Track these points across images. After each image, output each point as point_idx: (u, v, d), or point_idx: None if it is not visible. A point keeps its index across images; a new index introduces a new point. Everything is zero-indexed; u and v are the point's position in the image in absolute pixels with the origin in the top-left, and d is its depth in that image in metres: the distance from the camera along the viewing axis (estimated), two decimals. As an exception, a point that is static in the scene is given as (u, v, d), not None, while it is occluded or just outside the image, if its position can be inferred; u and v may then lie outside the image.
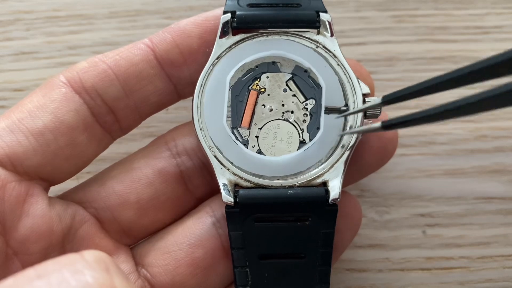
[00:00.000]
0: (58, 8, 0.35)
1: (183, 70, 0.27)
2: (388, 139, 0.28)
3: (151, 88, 0.27)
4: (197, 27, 0.26)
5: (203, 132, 0.25)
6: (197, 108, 0.26)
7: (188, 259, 0.26)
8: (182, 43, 0.26)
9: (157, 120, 0.33)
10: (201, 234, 0.26)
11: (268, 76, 0.26)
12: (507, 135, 0.34)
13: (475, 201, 0.33)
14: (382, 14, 0.36)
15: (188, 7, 0.35)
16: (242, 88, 0.26)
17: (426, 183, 0.33)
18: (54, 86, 0.25)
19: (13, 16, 0.35)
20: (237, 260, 0.25)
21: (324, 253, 0.25)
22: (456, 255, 0.32)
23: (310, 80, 0.26)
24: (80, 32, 0.34)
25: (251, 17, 0.26)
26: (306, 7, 0.27)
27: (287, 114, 0.26)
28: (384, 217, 0.33)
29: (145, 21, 0.35)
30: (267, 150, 0.26)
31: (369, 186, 0.33)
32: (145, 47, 0.26)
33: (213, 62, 0.26)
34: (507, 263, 0.32)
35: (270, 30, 0.27)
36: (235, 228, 0.25)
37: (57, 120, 0.25)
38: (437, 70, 0.35)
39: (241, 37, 0.26)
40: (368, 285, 0.31)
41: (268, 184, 0.25)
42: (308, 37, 0.27)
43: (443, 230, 0.32)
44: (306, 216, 0.25)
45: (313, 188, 0.25)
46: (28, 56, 0.34)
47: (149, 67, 0.26)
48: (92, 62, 0.26)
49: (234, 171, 0.25)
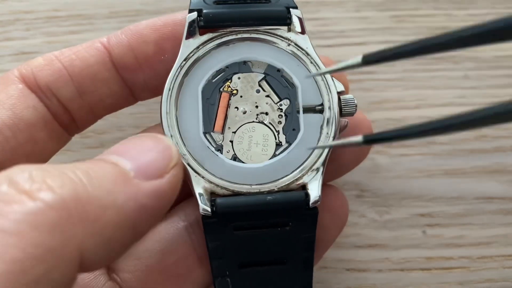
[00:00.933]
0: (58, 8, 0.35)
1: (137, 75, 0.26)
2: None
3: (106, 91, 0.26)
4: (154, 32, 0.26)
5: (174, 139, 0.24)
6: (166, 114, 0.24)
7: (159, 266, 0.25)
8: (137, 48, 0.25)
9: (157, 120, 0.33)
10: (172, 240, 0.25)
11: (240, 77, 0.25)
12: (507, 135, 0.34)
13: (475, 201, 0.33)
14: (382, 14, 0.36)
15: (187, 7, 0.35)
16: (213, 91, 0.25)
17: (426, 183, 0.33)
18: (9, 82, 0.25)
19: (13, 16, 0.35)
20: (216, 270, 0.24)
21: (306, 257, 0.25)
22: (456, 255, 0.32)
23: (283, 79, 0.25)
24: (80, 32, 0.34)
25: (219, 15, 0.25)
26: (275, 3, 0.26)
27: (261, 116, 0.25)
28: (384, 217, 0.33)
29: (145, 21, 0.35)
30: (243, 155, 0.25)
31: (369, 186, 0.33)
32: (102, 48, 0.26)
33: (181, 64, 0.25)
34: (507, 263, 0.32)
35: (239, 28, 0.25)
36: (214, 239, 0.24)
37: (15, 116, 0.24)
38: (437, 70, 0.35)
39: (209, 36, 0.25)
40: (368, 285, 0.31)
41: (246, 191, 0.24)
42: (279, 35, 0.26)
43: (443, 230, 0.32)
44: (286, 221, 0.24)
45: (293, 192, 0.24)
46: (28, 56, 0.34)
47: (104, 70, 0.25)
48: (48, 59, 0.25)
49: (209, 179, 0.24)
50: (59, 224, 0.16)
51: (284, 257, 0.25)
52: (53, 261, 0.16)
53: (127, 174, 0.19)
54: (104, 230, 0.18)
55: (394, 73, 0.35)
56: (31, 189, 0.17)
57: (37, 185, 0.17)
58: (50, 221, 0.16)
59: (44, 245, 0.16)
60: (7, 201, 0.16)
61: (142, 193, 0.19)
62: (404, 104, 0.34)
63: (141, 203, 0.19)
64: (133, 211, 0.19)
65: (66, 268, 0.17)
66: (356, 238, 0.32)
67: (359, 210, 0.32)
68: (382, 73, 0.35)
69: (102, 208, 0.18)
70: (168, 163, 0.20)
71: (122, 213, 0.18)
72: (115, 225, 0.18)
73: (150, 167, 0.20)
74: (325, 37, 0.35)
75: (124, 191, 0.19)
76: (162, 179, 0.20)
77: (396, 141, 0.22)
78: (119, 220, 0.18)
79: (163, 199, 0.20)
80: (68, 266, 0.17)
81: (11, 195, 0.17)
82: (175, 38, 0.26)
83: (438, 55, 0.35)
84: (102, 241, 0.18)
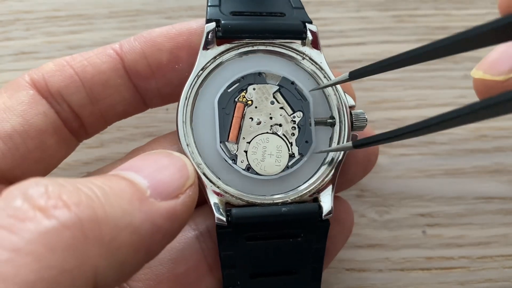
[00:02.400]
0: (58, 8, 0.35)
1: (150, 82, 0.26)
2: (371, 151, 0.29)
3: (118, 98, 0.26)
4: (169, 40, 0.25)
5: (190, 148, 0.24)
6: (182, 123, 0.24)
7: (170, 274, 0.25)
8: (151, 56, 0.25)
9: (157, 120, 0.33)
10: (183, 249, 0.25)
11: (255, 88, 0.25)
12: (507, 135, 0.34)
13: (475, 201, 0.33)
14: (382, 14, 0.36)
15: (188, 7, 0.35)
16: (228, 100, 0.25)
17: (426, 183, 0.33)
18: (20, 88, 0.24)
19: (13, 16, 0.35)
20: (228, 279, 0.24)
21: (315, 268, 0.25)
22: (456, 255, 0.32)
23: (296, 92, 0.26)
24: (80, 32, 0.34)
25: (237, 26, 0.25)
26: (290, 17, 0.26)
27: (275, 127, 0.25)
28: (384, 217, 0.32)
29: (145, 21, 0.35)
30: (257, 165, 0.25)
31: (369, 186, 0.33)
32: (114, 54, 0.25)
33: (198, 73, 0.25)
34: (507, 263, 0.32)
35: (255, 40, 0.26)
36: (227, 248, 0.24)
37: (26, 123, 0.24)
38: (437, 70, 0.35)
39: (226, 47, 0.25)
40: (368, 285, 0.31)
41: (260, 201, 0.24)
42: (294, 48, 0.26)
43: (443, 230, 0.32)
44: (298, 233, 0.24)
45: (306, 204, 0.24)
46: (28, 56, 0.34)
47: (116, 76, 0.25)
48: (59, 65, 0.25)
49: (224, 189, 0.24)
50: (74, 245, 0.16)
51: (294, 267, 0.25)
52: (66, 283, 0.16)
53: (143, 192, 0.19)
54: (119, 251, 0.17)
55: (393, 73, 0.35)
56: (47, 205, 0.16)
57: (52, 202, 0.16)
58: (65, 241, 0.16)
59: (58, 267, 0.15)
60: (21, 218, 0.16)
61: (158, 214, 0.19)
62: (404, 104, 0.34)
63: (157, 224, 0.18)
64: (148, 233, 0.18)
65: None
66: (356, 238, 0.32)
67: (359, 210, 0.32)
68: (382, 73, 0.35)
69: (118, 229, 0.17)
70: (184, 183, 0.20)
71: (137, 234, 0.18)
72: (129, 246, 0.18)
73: (166, 186, 0.19)
74: (325, 37, 0.35)
75: (140, 211, 0.18)
76: (177, 200, 0.19)
77: (380, 144, 0.23)
78: (134, 242, 0.18)
79: (178, 220, 0.19)
80: (83, 287, 0.16)
81: (25, 211, 0.16)
82: (189, 47, 0.25)
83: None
84: (116, 262, 0.17)
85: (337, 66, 0.34)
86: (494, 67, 0.22)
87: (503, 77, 0.21)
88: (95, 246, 0.16)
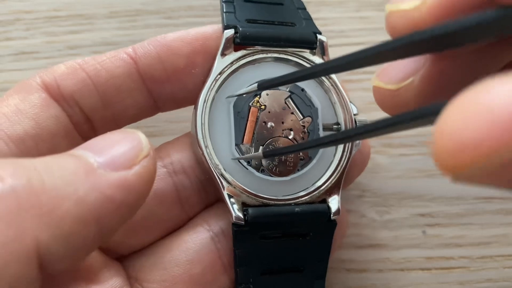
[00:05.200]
0: (58, 8, 0.35)
1: (165, 87, 0.26)
2: (366, 154, 0.29)
3: (130, 102, 0.26)
4: (185, 45, 0.25)
5: (208, 149, 0.25)
6: (201, 125, 0.25)
7: (186, 275, 0.25)
8: (167, 60, 0.25)
9: (157, 120, 0.33)
10: (199, 250, 0.25)
11: (268, 94, 0.26)
12: (507, 135, 0.34)
13: (475, 201, 0.33)
14: (382, 14, 0.36)
15: (188, 6, 0.35)
16: (243, 105, 0.26)
17: (426, 183, 0.33)
18: (32, 90, 0.24)
19: (13, 16, 0.35)
20: (241, 277, 0.25)
21: (321, 265, 0.26)
22: (456, 255, 0.32)
23: (306, 98, 0.27)
24: (80, 32, 0.34)
25: (254, 34, 0.26)
26: (300, 27, 0.27)
27: (286, 132, 0.26)
28: (384, 217, 0.33)
29: (145, 21, 0.35)
30: (271, 168, 0.26)
31: (369, 186, 0.33)
32: (128, 59, 0.25)
33: (216, 77, 0.26)
34: (507, 263, 0.32)
35: (270, 48, 0.27)
36: (242, 246, 0.25)
37: (38, 126, 0.23)
38: (437, 70, 0.35)
39: (243, 53, 0.26)
40: (368, 285, 0.31)
41: (274, 202, 0.25)
42: (305, 57, 0.27)
43: (443, 230, 0.32)
44: (307, 232, 0.25)
45: (317, 205, 0.25)
46: (28, 56, 0.34)
47: (130, 81, 0.25)
48: (71, 67, 0.25)
49: (241, 189, 0.25)
50: (9, 216, 0.16)
51: (302, 265, 0.26)
52: (5, 256, 0.15)
53: (90, 165, 0.19)
54: (63, 222, 0.17)
55: (394, 73, 0.35)
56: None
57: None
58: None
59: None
60: None
61: (107, 184, 0.18)
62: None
63: (106, 194, 0.18)
64: (96, 203, 0.18)
65: (23, 263, 0.16)
66: (356, 238, 0.32)
67: (359, 210, 0.32)
68: (382, 73, 0.35)
69: (59, 198, 0.17)
70: (137, 154, 0.20)
71: (83, 204, 0.18)
72: (75, 217, 0.17)
73: (116, 158, 0.19)
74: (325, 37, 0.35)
75: (85, 181, 0.18)
76: (129, 170, 0.19)
77: (287, 154, 0.26)
78: (80, 212, 0.17)
79: (132, 191, 0.19)
80: (25, 260, 0.16)
81: None
82: (205, 52, 0.26)
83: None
84: (61, 234, 0.17)
85: (337, 66, 0.34)
86: (387, 74, 0.21)
87: (395, 86, 0.21)
88: (33, 216, 0.16)
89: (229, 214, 0.24)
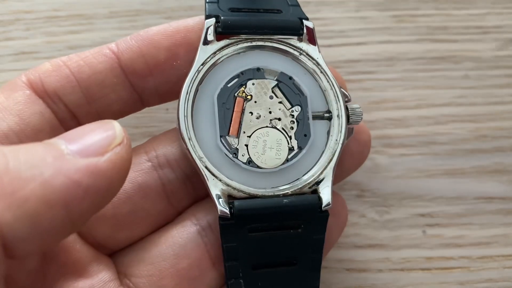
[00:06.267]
0: (58, 8, 0.35)
1: (148, 80, 0.26)
2: (364, 143, 0.29)
3: (114, 97, 0.26)
4: (166, 38, 0.25)
5: (191, 142, 0.24)
6: (184, 117, 0.24)
7: (173, 270, 0.25)
8: (148, 54, 0.25)
9: (157, 120, 0.33)
10: (185, 244, 0.25)
11: (254, 83, 0.26)
12: (507, 135, 0.34)
13: (475, 201, 0.33)
14: (382, 14, 0.36)
15: (188, 6, 0.35)
16: (228, 95, 0.25)
17: (426, 183, 0.33)
18: (17, 88, 0.25)
19: (13, 16, 0.35)
20: (230, 271, 0.24)
21: (315, 258, 0.25)
22: (456, 255, 0.32)
23: (294, 87, 0.26)
24: (80, 32, 0.34)
25: (237, 22, 0.26)
26: (287, 14, 0.27)
27: (274, 121, 0.26)
28: (384, 217, 0.32)
29: (145, 21, 0.35)
30: (258, 159, 0.25)
31: (369, 186, 0.33)
32: (110, 54, 0.25)
33: (198, 68, 0.25)
34: (507, 263, 0.32)
35: (254, 36, 0.26)
36: (229, 240, 0.24)
37: (22, 122, 0.24)
38: (437, 70, 0.35)
39: (226, 42, 0.26)
40: (368, 285, 0.31)
41: (261, 194, 0.24)
42: (292, 44, 0.26)
43: (443, 230, 0.32)
44: (299, 224, 0.25)
45: (307, 196, 0.25)
46: (28, 56, 0.34)
47: (113, 76, 0.25)
48: (55, 65, 0.25)
49: (226, 182, 0.24)
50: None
51: (295, 258, 0.25)
52: None
53: (60, 151, 0.19)
54: (26, 203, 0.17)
55: (394, 73, 0.35)
56: None
57: None
58: None
59: None
60: None
61: (75, 169, 0.18)
62: (404, 104, 0.35)
63: (72, 179, 0.18)
64: (62, 187, 0.18)
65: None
66: (356, 238, 0.32)
67: (359, 210, 0.32)
68: (382, 73, 0.35)
69: (23, 180, 0.17)
70: (110, 142, 0.20)
71: (48, 187, 0.18)
72: (40, 199, 0.18)
73: (88, 145, 0.19)
74: (325, 37, 0.35)
75: (52, 165, 0.18)
76: (101, 157, 0.19)
77: None
78: (45, 194, 0.18)
79: (102, 177, 0.19)
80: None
81: None
82: (187, 44, 0.26)
83: (438, 55, 0.35)
84: (24, 214, 0.17)
85: (337, 66, 0.34)
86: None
87: None
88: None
89: (215, 208, 0.24)
